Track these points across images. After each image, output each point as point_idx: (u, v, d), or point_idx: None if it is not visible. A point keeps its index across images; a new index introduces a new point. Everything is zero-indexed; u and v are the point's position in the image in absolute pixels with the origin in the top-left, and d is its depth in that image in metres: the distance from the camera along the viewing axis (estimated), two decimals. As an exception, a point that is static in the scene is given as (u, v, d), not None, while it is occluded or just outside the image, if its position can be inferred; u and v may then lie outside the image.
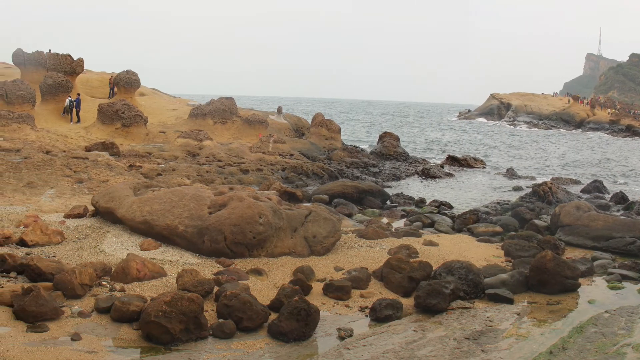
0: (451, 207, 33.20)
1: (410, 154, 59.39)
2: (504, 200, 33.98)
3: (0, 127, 37.57)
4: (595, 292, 17.86)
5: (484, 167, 56.48)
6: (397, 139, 60.78)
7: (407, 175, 47.39)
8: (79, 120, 51.47)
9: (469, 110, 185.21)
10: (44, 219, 21.42)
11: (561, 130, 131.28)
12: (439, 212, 30.76)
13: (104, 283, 15.76)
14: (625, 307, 16.37)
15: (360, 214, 30.07)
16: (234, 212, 19.32)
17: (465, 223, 27.56)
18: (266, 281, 17.23)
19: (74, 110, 51.82)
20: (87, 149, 38.53)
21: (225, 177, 35.93)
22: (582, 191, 40.28)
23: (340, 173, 43.23)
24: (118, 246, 19.29)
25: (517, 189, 42.30)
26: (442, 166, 53.61)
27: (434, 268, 17.88)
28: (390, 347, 13.29)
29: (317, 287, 16.79)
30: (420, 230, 25.65)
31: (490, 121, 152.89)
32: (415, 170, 49.57)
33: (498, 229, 26.44)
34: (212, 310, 14.56)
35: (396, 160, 54.71)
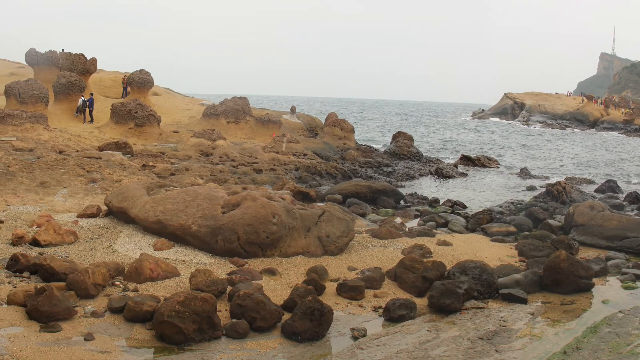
0: (465, 206, 33.17)
1: (423, 154, 59.22)
2: (517, 200, 33.87)
3: (13, 127, 37.62)
4: (609, 292, 17.77)
5: (498, 167, 56.38)
6: (410, 138, 60.75)
7: (420, 175, 47.35)
8: (92, 120, 51.66)
9: (483, 110, 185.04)
10: (57, 219, 21.47)
11: (575, 129, 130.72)
12: (452, 212, 30.72)
13: (117, 283, 15.77)
14: (639, 306, 16.28)
15: (373, 213, 30.06)
16: (248, 212, 19.31)
17: (479, 223, 27.51)
18: (279, 281, 17.21)
19: (87, 109, 52.02)
20: (100, 149, 38.55)
21: (238, 177, 35.93)
22: (596, 191, 40.10)
23: (354, 173, 43.22)
24: (131, 246, 19.31)
25: (531, 188, 42.22)
26: (455, 166, 53.54)
27: (447, 268, 17.83)
28: (403, 347, 13.26)
29: (330, 287, 16.76)
30: (434, 230, 25.59)
31: (504, 121, 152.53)
32: (429, 170, 49.50)
33: (512, 228, 26.36)
34: (226, 310, 14.55)
35: (410, 160, 54.58)
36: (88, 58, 58.26)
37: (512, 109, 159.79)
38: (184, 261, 18.17)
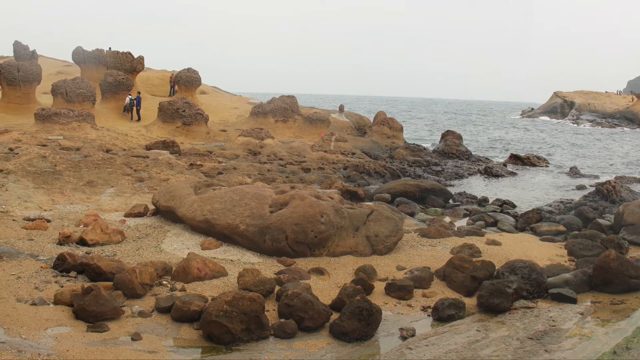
0: (514, 206, 33.01)
1: (472, 153, 59.02)
2: (567, 199, 33.54)
3: (60, 126, 37.88)
4: (660, 292, 17.48)
5: (547, 166, 55.93)
6: (459, 137, 60.50)
7: (469, 174, 47.18)
8: (139, 119, 52.05)
9: (532, 109, 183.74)
10: (104, 218, 21.58)
11: (625, 128, 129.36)
12: (501, 211, 30.57)
13: (164, 282, 15.78)
14: (692, 307, 15.99)
15: (422, 212, 29.97)
16: (296, 211, 19.22)
17: (529, 222, 27.33)
18: (328, 280, 17.12)
19: (135, 108, 52.45)
20: (148, 148, 38.73)
21: (286, 176, 35.93)
22: (647, 190, 39.60)
23: (403, 172, 43.10)
24: (179, 245, 19.34)
25: (581, 187, 41.89)
26: (505, 165, 53.32)
27: (496, 267, 17.64)
28: (452, 347, 13.10)
29: (379, 286, 16.64)
30: (483, 230, 25.41)
31: (554, 119, 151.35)
32: (478, 169, 49.28)
33: (561, 228, 26.07)
34: (274, 309, 14.49)
35: (459, 159, 54.39)
36: (135, 56, 58.62)
37: (561, 107, 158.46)
38: (231, 261, 18.15)
